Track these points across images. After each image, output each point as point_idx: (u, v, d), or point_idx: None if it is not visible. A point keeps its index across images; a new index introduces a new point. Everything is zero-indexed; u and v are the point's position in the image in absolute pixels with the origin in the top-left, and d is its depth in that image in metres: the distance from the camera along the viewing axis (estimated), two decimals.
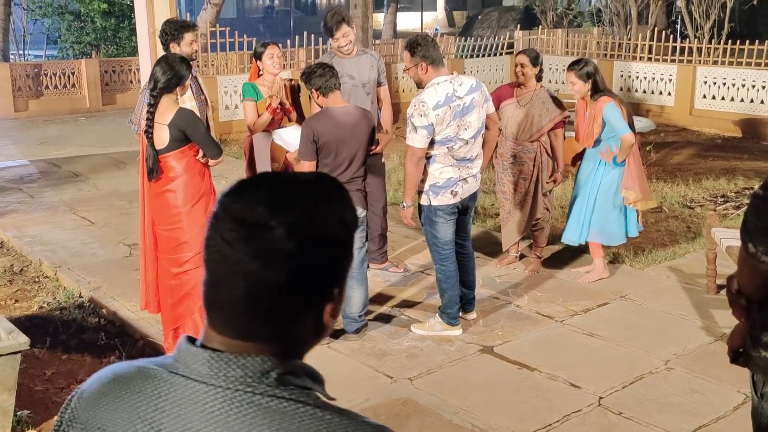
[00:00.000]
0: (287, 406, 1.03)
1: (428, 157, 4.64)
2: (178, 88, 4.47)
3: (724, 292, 5.48)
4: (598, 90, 5.49)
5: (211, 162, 4.66)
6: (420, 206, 4.84)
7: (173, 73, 4.41)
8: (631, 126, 5.49)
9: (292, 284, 1.04)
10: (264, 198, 1.06)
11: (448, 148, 4.59)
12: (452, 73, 4.66)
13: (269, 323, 1.06)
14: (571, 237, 5.80)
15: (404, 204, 4.81)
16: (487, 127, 4.78)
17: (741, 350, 1.96)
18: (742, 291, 1.91)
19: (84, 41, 16.51)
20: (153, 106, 4.44)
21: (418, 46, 4.56)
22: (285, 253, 1.03)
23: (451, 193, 4.69)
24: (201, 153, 4.61)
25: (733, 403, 4.09)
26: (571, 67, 5.52)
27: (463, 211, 4.87)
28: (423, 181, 4.71)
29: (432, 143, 4.58)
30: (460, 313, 4.98)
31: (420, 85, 4.68)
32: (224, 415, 1.02)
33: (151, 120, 4.45)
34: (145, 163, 4.64)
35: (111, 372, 1.15)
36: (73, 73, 14.31)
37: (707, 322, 5.09)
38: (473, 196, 4.87)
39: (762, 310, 1.88)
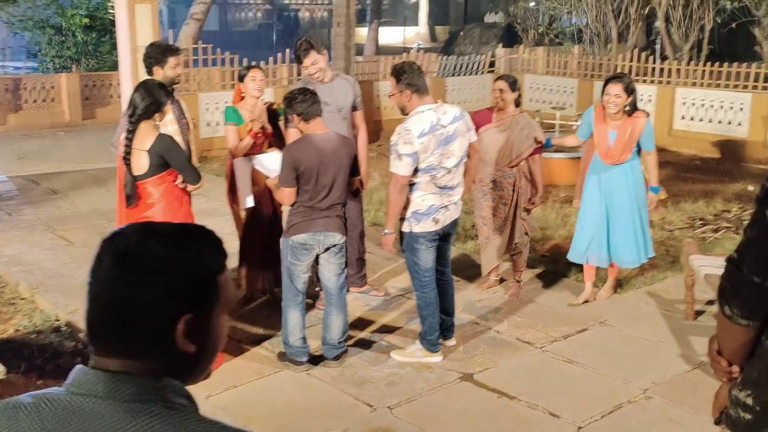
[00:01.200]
0: (174, 414, 1.18)
1: (411, 185, 4.65)
2: (156, 115, 4.45)
3: (702, 318, 5.54)
4: (635, 106, 5.60)
5: (190, 187, 4.63)
6: (401, 233, 4.83)
7: (152, 99, 4.40)
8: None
9: (126, 305, 1.20)
10: (129, 234, 1.25)
11: (431, 176, 4.60)
12: (436, 102, 4.69)
13: (130, 340, 1.21)
14: (629, 259, 5.81)
15: (386, 231, 4.80)
16: (468, 156, 4.81)
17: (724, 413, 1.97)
18: (722, 353, 1.91)
19: (65, 55, 16.41)
20: (131, 133, 4.42)
21: (404, 73, 4.58)
22: (118, 278, 1.21)
23: (433, 221, 4.70)
24: (180, 179, 4.58)
25: None
26: (618, 79, 5.56)
27: (444, 238, 4.88)
28: (405, 208, 4.72)
29: (415, 171, 4.59)
30: (440, 340, 4.98)
31: (404, 112, 4.70)
32: (124, 424, 1.16)
33: (129, 146, 4.43)
34: (123, 189, 4.61)
35: (6, 401, 1.26)
36: (53, 87, 14.23)
37: (685, 349, 5.12)
38: (454, 223, 4.89)
39: (742, 369, 1.89)
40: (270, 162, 5.08)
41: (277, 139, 5.69)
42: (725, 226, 7.93)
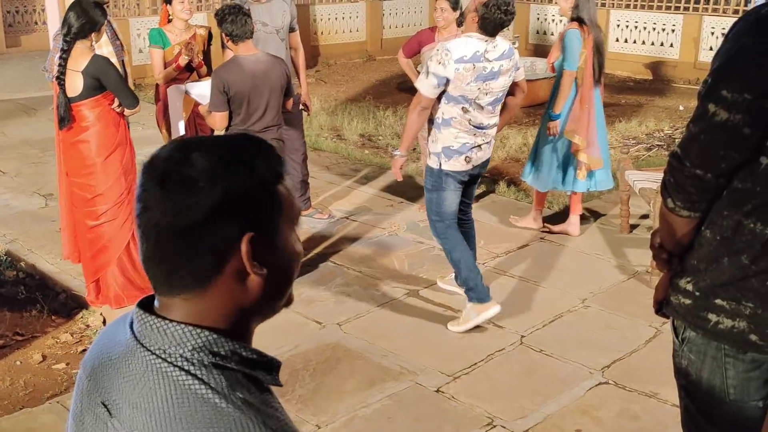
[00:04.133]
0: (218, 397, 1.03)
1: (444, 120, 4.22)
2: (93, 34, 4.33)
3: (636, 231, 5.74)
4: (577, 15, 5.28)
5: (127, 112, 4.54)
6: (428, 168, 4.38)
7: (87, 18, 4.27)
8: (599, 70, 5.40)
9: (180, 232, 1.06)
10: (169, 153, 1.09)
11: (462, 109, 4.16)
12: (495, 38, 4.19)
13: (191, 272, 1.07)
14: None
15: (397, 152, 4.39)
16: (512, 93, 4.43)
17: (664, 301, 2.08)
18: (664, 245, 2.01)
19: None
20: (66, 52, 4.29)
21: (489, 6, 4.04)
22: (164, 204, 1.06)
23: (465, 159, 4.27)
24: (116, 102, 4.49)
25: (646, 337, 4.32)
26: None
27: (472, 180, 4.50)
28: (434, 141, 4.28)
29: (447, 98, 4.16)
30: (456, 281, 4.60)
31: (459, 24, 4.31)
32: (162, 389, 1.04)
33: (63, 66, 4.31)
34: (56, 111, 4.50)
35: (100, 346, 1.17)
36: None
37: (621, 260, 5.32)
38: (485, 164, 4.46)
39: (682, 260, 1.99)
40: (203, 89, 5.00)
41: (208, 70, 5.58)
42: (657, 144, 8.15)
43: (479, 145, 4.29)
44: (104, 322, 4.64)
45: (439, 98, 4.17)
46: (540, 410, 3.68)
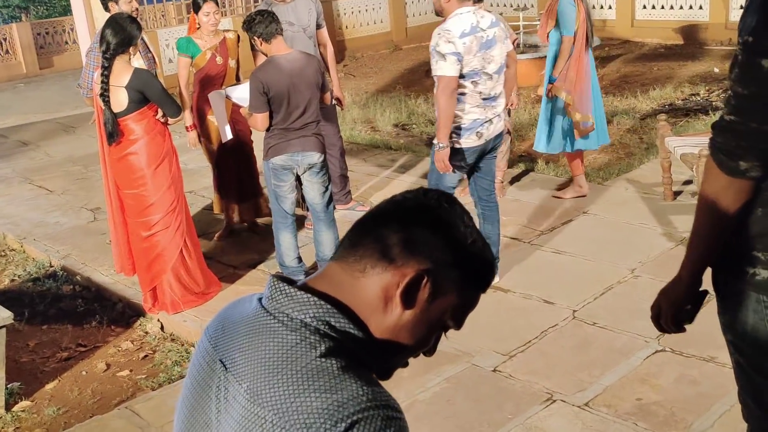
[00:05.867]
0: (339, 368, 1.09)
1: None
2: (130, 49, 4.42)
3: (680, 198, 5.71)
4: None
5: (170, 120, 4.64)
6: (434, 147, 4.44)
7: (124, 34, 4.36)
8: (588, 37, 5.56)
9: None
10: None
11: (473, 83, 4.28)
12: (474, 5, 4.44)
13: (380, 249, 1.16)
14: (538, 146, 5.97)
15: (440, 144, 4.35)
16: (506, 65, 4.55)
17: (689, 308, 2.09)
18: (716, 224, 1.95)
19: (11, 4, 15.97)
20: (107, 69, 4.39)
21: None
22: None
23: (477, 135, 4.38)
24: (160, 113, 4.58)
25: None
26: None
27: (488, 152, 4.56)
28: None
29: (459, 78, 4.27)
30: None
31: (439, 14, 4.49)
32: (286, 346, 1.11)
33: (106, 83, 4.41)
34: (103, 128, 4.61)
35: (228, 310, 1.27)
36: (5, 39, 13.89)
37: (667, 228, 5.29)
38: (499, 136, 4.55)
39: (735, 235, 1.95)
40: (242, 92, 5.08)
41: (238, 71, 5.67)
42: (695, 109, 8.06)
43: (490, 119, 4.41)
44: (162, 328, 4.75)
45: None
46: (599, 382, 3.70)
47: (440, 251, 1.16)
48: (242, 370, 1.12)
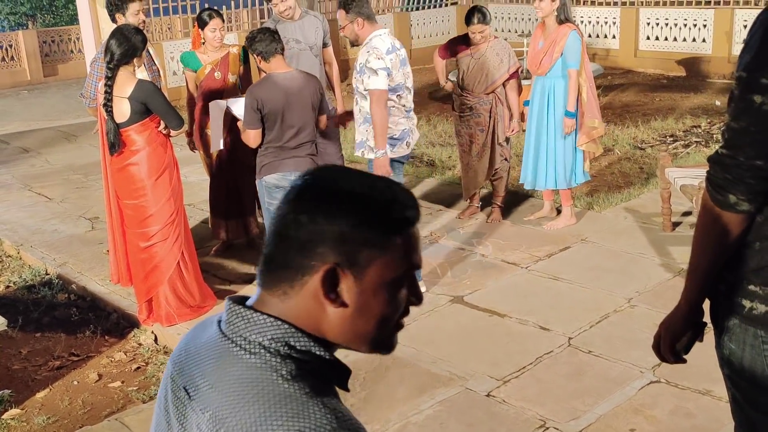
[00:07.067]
0: (296, 386, 1.09)
1: None
2: (134, 60, 4.44)
3: (679, 229, 5.71)
4: (565, 16, 5.51)
5: (173, 133, 4.64)
6: (369, 163, 4.76)
7: (129, 45, 4.38)
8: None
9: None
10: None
11: (398, 96, 4.71)
12: (384, 27, 4.81)
13: (283, 269, 1.13)
14: (530, 181, 5.95)
15: (379, 152, 4.65)
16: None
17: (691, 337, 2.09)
18: (705, 259, 1.96)
19: (19, 12, 16.05)
20: (111, 80, 4.40)
21: (353, 2, 4.66)
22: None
23: (406, 144, 4.84)
24: (162, 124, 4.59)
25: None
26: None
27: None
28: (372, 136, 4.70)
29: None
30: None
31: (355, 43, 4.76)
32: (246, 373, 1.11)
33: (109, 94, 4.42)
34: (105, 138, 4.61)
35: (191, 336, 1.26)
36: (11, 46, 13.94)
37: (665, 258, 5.29)
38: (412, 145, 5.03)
39: (732, 269, 1.96)
40: (242, 106, 5.09)
41: (245, 84, 5.67)
42: (695, 140, 8.09)
43: (412, 129, 4.89)
44: (156, 340, 4.73)
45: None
46: (592, 411, 3.68)
47: (335, 232, 1.10)
48: (205, 397, 1.12)
